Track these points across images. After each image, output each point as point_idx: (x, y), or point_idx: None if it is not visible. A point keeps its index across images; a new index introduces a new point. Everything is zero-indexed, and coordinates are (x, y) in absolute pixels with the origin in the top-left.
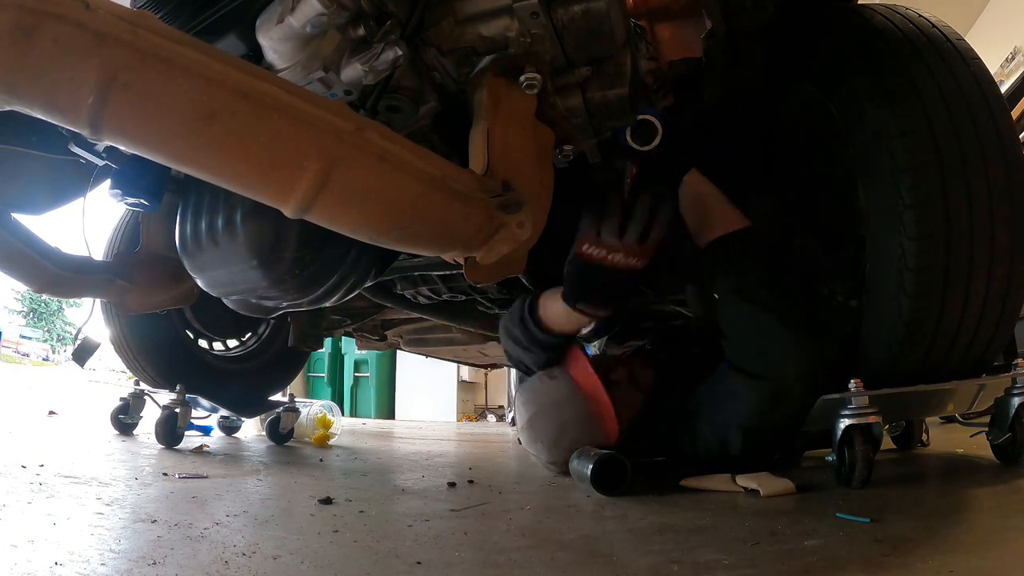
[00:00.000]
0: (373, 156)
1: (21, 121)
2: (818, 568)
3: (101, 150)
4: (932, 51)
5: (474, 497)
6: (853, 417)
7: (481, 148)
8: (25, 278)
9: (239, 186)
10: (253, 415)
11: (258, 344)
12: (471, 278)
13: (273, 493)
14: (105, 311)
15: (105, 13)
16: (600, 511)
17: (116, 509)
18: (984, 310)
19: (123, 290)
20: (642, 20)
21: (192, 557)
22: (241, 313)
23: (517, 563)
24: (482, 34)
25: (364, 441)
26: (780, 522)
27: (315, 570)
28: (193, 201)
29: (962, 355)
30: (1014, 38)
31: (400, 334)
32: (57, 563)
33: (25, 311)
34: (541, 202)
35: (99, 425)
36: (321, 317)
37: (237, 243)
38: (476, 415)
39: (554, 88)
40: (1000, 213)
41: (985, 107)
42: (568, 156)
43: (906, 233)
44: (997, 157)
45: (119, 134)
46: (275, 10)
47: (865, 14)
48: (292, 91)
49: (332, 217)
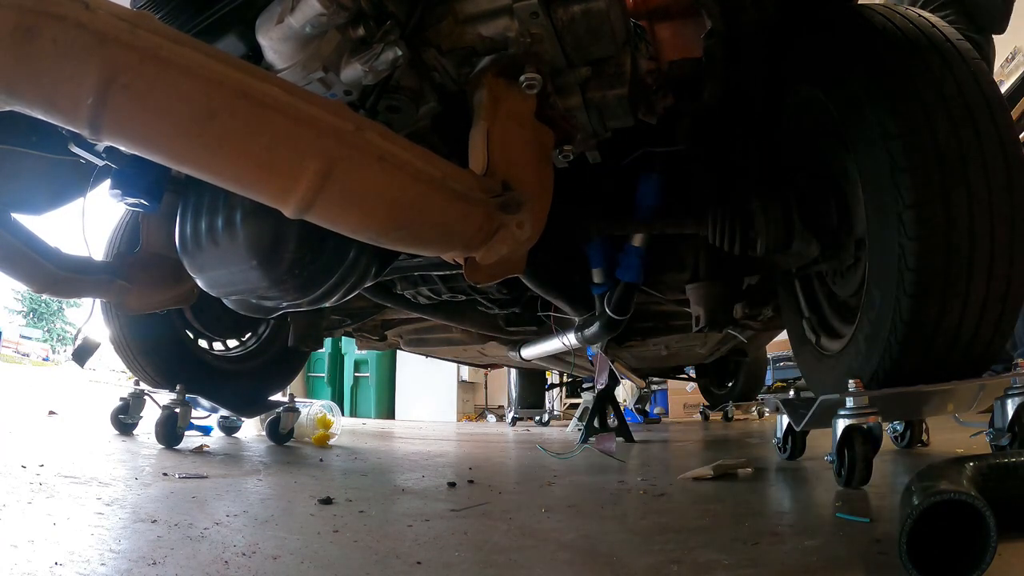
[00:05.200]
0: (373, 156)
1: (21, 121)
2: (818, 568)
3: (101, 150)
4: (932, 51)
5: (474, 497)
6: (853, 417)
7: (481, 148)
8: (25, 278)
9: (239, 186)
10: (253, 415)
11: (258, 344)
12: (471, 278)
13: (273, 493)
14: (105, 311)
15: (105, 13)
16: (600, 511)
17: (116, 509)
18: (984, 310)
19: (123, 290)
20: (642, 20)
21: (192, 557)
22: (241, 313)
23: (517, 563)
24: (482, 34)
25: (364, 441)
26: (780, 522)
27: (315, 570)
28: (193, 201)
29: (962, 355)
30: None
31: (400, 334)
32: (57, 563)
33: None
34: (541, 202)
35: (99, 425)
36: (321, 317)
37: (237, 243)
38: (476, 415)
39: (554, 88)
40: (1000, 213)
41: (985, 107)
42: (568, 156)
43: (906, 233)
44: (997, 157)
45: (119, 134)
46: (275, 10)
47: (865, 14)
48: (292, 91)
49: (332, 217)
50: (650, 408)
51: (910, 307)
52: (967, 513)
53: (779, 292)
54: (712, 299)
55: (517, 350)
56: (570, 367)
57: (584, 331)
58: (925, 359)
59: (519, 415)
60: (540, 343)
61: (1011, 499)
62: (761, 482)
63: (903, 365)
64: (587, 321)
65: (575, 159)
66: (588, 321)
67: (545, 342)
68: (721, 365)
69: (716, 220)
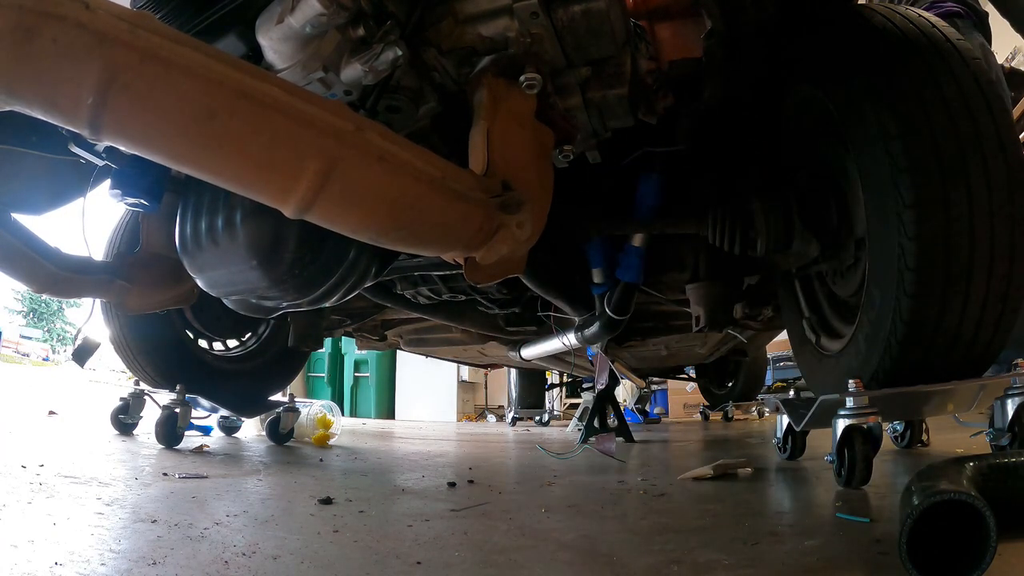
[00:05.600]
0: (373, 156)
1: (21, 121)
2: (818, 568)
3: (101, 150)
4: (932, 51)
5: (474, 497)
6: (853, 417)
7: (481, 148)
8: (25, 278)
9: (239, 186)
10: (253, 415)
11: (258, 344)
12: (471, 278)
13: (273, 493)
14: (105, 311)
15: (105, 13)
16: (600, 511)
17: (116, 509)
18: (984, 310)
19: (123, 290)
20: (642, 20)
21: (192, 557)
22: (241, 313)
23: (517, 563)
24: (482, 34)
25: (364, 441)
26: (780, 522)
27: (315, 570)
28: (193, 201)
29: (962, 355)
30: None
31: (400, 334)
32: (57, 563)
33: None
34: (541, 202)
35: (99, 425)
36: (321, 317)
37: (237, 243)
38: (476, 415)
39: (554, 88)
40: (1000, 213)
41: (985, 107)
42: (568, 156)
43: (906, 233)
44: (997, 157)
45: (119, 134)
46: (275, 10)
47: (865, 14)
48: (292, 91)
49: (332, 217)
50: (650, 408)
51: (910, 307)
52: (967, 513)
53: (779, 292)
54: (712, 299)
55: (517, 350)
56: (570, 367)
57: (584, 331)
58: (925, 359)
59: (519, 415)
60: (540, 343)
61: (1011, 499)
62: (761, 482)
63: (903, 365)
64: (587, 321)
65: (575, 159)
66: (588, 321)
67: (545, 342)
68: (721, 365)
69: (716, 220)
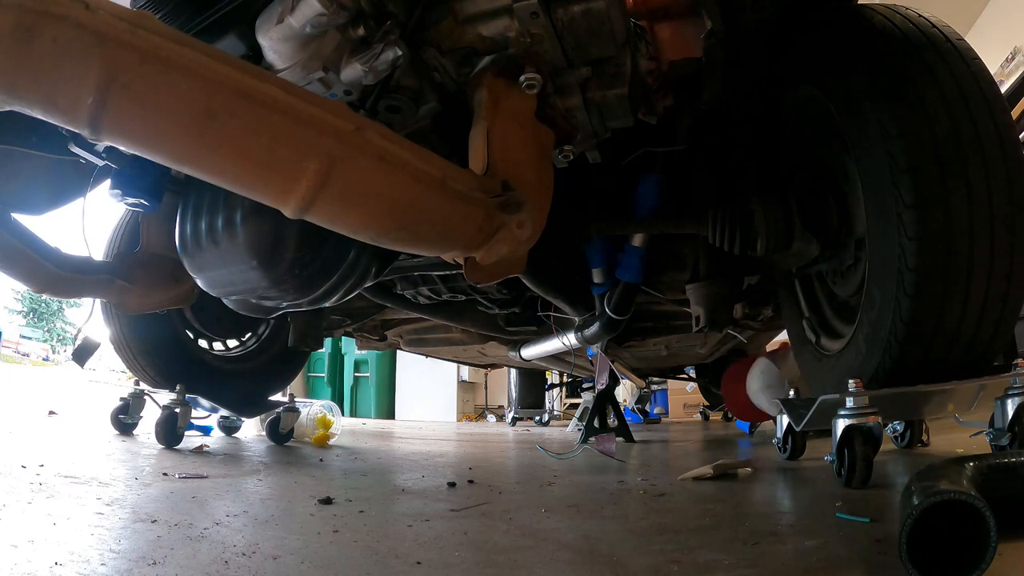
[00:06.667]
0: (373, 156)
1: (21, 121)
2: (818, 568)
3: (101, 150)
4: (932, 51)
5: (474, 497)
6: (853, 417)
7: (481, 148)
8: (25, 278)
9: (239, 186)
10: (253, 415)
11: (258, 344)
12: (471, 278)
13: (273, 493)
14: (105, 311)
15: (105, 13)
16: (600, 511)
17: (116, 509)
18: (984, 310)
19: (123, 290)
20: (642, 20)
21: (192, 557)
22: (241, 313)
23: (517, 563)
24: (482, 34)
25: (364, 441)
26: (780, 522)
27: (315, 570)
28: (193, 201)
29: (962, 355)
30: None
31: (400, 334)
32: (57, 563)
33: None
34: (541, 202)
35: (99, 425)
36: (321, 317)
37: (237, 243)
38: (476, 415)
39: (554, 88)
40: (1000, 213)
41: (985, 107)
42: (568, 156)
43: (906, 233)
44: (997, 157)
45: (119, 134)
46: (275, 10)
47: (865, 14)
48: (292, 91)
49: (332, 217)
50: (650, 408)
51: (910, 307)
52: (967, 513)
53: (779, 292)
54: (712, 299)
55: (517, 350)
56: (570, 367)
57: (584, 331)
58: (925, 359)
59: (519, 415)
60: (540, 343)
61: (1011, 499)
62: (761, 482)
63: (903, 365)
64: (587, 321)
65: (575, 159)
66: (588, 321)
67: (545, 342)
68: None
69: (716, 220)
